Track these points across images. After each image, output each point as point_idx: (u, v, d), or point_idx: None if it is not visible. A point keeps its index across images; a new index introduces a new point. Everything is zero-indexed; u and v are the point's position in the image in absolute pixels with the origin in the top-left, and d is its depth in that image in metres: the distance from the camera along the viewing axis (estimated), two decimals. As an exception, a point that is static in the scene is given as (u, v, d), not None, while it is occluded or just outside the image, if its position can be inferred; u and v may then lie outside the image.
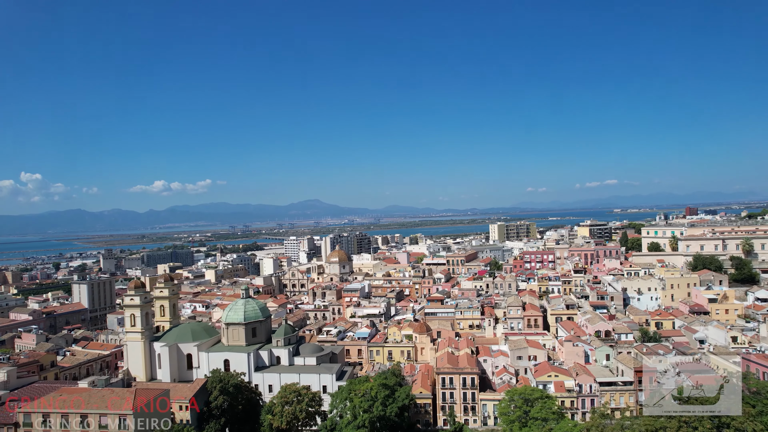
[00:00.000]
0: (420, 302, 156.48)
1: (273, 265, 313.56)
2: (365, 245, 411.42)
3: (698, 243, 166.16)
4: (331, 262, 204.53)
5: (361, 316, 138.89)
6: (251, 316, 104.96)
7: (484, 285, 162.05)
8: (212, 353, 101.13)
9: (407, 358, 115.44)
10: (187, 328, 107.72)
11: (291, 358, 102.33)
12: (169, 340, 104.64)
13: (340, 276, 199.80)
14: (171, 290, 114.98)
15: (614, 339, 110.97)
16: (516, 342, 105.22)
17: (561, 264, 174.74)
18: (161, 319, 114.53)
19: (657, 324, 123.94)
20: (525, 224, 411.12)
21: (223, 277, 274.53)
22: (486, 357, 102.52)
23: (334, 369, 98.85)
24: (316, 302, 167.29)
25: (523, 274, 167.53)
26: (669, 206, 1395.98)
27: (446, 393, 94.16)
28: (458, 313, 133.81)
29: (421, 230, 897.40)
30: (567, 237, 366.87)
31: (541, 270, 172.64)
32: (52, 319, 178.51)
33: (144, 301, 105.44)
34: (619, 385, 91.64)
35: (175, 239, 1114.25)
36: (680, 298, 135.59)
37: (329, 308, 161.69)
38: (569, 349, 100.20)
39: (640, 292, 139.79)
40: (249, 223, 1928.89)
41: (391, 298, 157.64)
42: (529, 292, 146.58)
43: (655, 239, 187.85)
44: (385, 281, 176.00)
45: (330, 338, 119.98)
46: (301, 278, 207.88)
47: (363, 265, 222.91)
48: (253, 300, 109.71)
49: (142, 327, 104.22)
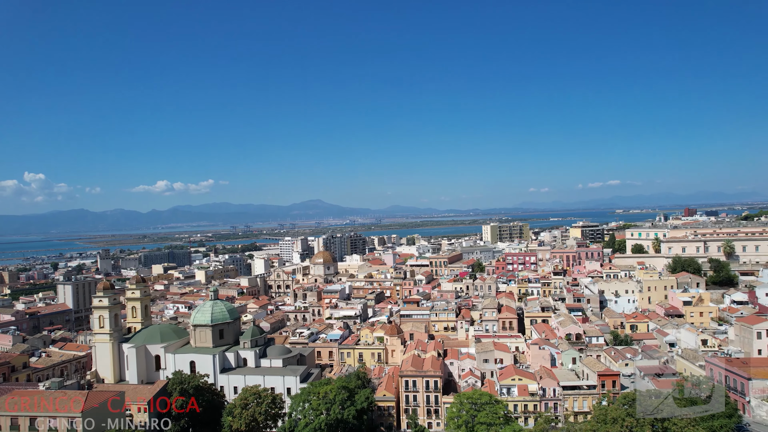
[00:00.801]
0: (399, 304, 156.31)
1: (264, 265, 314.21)
2: (359, 246, 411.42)
3: (680, 245, 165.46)
4: (315, 264, 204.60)
5: (337, 317, 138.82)
6: (218, 318, 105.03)
7: (464, 287, 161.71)
8: (179, 355, 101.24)
9: (378, 361, 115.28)
10: (156, 330, 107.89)
11: (257, 360, 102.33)
12: (137, 341, 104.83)
13: (325, 277, 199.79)
14: (143, 291, 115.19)
15: (585, 342, 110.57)
16: (483, 345, 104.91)
17: (543, 266, 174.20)
18: (133, 320, 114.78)
19: (632, 327, 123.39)
20: (518, 225, 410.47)
21: (214, 278, 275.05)
22: (453, 360, 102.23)
23: (299, 371, 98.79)
24: (297, 303, 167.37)
25: (504, 276, 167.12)
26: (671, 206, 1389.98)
27: (410, 396, 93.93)
28: (433, 315, 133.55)
29: (422, 231, 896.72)
30: (560, 238, 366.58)
31: (522, 272, 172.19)
32: (35, 319, 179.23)
33: (112, 303, 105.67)
34: (583, 389, 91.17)
35: (175, 239, 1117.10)
36: (657, 301, 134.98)
37: (309, 309, 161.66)
38: (536, 353, 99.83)
39: (617, 295, 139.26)
40: (250, 224, 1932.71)
41: (370, 300, 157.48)
42: (507, 295, 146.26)
43: (639, 241, 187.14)
44: (366, 282, 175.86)
45: (301, 340, 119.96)
46: (286, 279, 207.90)
47: (349, 266, 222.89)
48: (221, 302, 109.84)
49: (111, 328, 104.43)
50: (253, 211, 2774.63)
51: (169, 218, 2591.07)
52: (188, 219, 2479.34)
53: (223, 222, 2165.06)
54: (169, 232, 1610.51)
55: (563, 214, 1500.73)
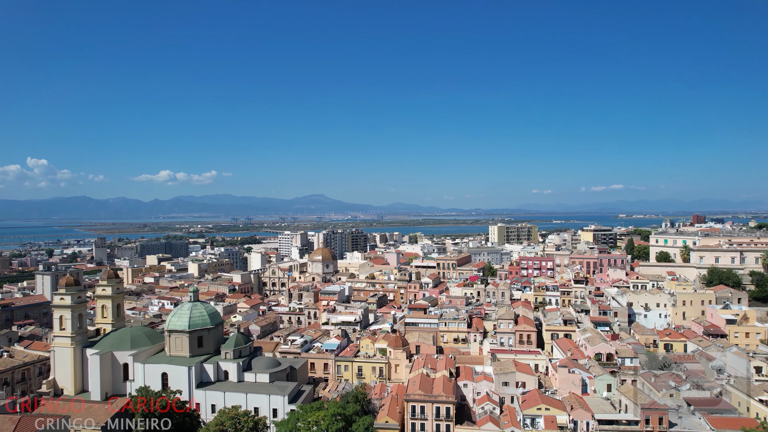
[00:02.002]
0: (404, 309, 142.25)
1: (261, 260, 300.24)
2: (360, 243, 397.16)
3: (712, 254, 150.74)
4: (314, 261, 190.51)
5: (334, 323, 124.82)
6: (197, 323, 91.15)
7: (474, 292, 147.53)
8: (149, 365, 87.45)
9: (379, 376, 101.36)
10: (126, 334, 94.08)
11: (240, 374, 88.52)
12: (103, 346, 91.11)
13: (323, 276, 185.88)
14: (114, 288, 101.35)
15: (617, 363, 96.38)
16: (502, 365, 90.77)
17: (561, 272, 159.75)
18: (103, 321, 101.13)
19: (666, 346, 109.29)
20: (526, 227, 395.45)
21: (207, 272, 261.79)
22: (467, 381, 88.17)
23: (288, 389, 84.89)
24: (292, 304, 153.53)
25: (519, 282, 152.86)
26: (675, 213, 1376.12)
27: (416, 424, 79.95)
28: (442, 325, 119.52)
29: (424, 229, 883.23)
30: (570, 242, 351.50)
31: (538, 278, 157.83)
32: (8, 312, 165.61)
33: (76, 301, 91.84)
34: (622, 424, 77.04)
35: (176, 229, 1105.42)
36: (693, 317, 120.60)
37: (305, 312, 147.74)
38: (564, 376, 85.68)
39: (647, 308, 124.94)
40: (252, 216, 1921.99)
41: (372, 304, 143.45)
42: (523, 303, 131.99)
43: (665, 248, 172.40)
44: (368, 284, 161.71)
45: (293, 349, 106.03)
46: (282, 277, 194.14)
47: (350, 265, 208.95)
48: (202, 304, 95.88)
49: (73, 331, 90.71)
50: (256, 203, 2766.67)
51: (170, 208, 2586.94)
52: (190, 209, 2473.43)
53: (225, 214, 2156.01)
54: (169, 222, 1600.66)
55: (566, 216, 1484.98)
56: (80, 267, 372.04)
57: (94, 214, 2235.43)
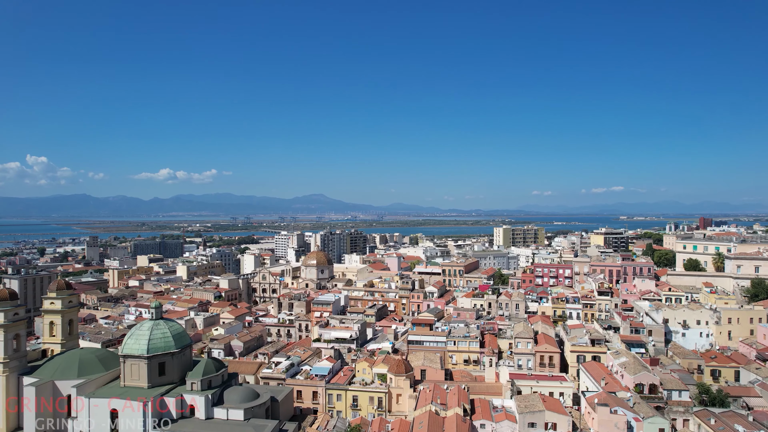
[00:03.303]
0: (406, 322, 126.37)
1: (254, 262, 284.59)
2: (360, 244, 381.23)
3: (751, 263, 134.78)
4: (308, 266, 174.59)
5: (327, 340, 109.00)
6: (159, 347, 75.27)
7: (485, 304, 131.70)
8: (96, 399, 71.48)
9: (377, 408, 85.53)
10: (74, 358, 78.23)
11: (209, 409, 72.64)
12: (44, 374, 75.32)
13: (317, 282, 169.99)
14: (65, 302, 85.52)
15: (662, 397, 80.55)
16: (527, 400, 74.87)
17: (581, 282, 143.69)
18: (51, 341, 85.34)
19: (713, 372, 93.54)
20: (533, 229, 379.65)
21: (197, 274, 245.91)
22: (484, 421, 72.29)
23: (266, 429, 69.02)
24: (281, 315, 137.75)
25: (534, 293, 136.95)
26: (675, 215, 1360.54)
27: (423, 479, 64.21)
28: (450, 344, 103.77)
29: (424, 230, 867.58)
30: (579, 245, 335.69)
31: (555, 287, 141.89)
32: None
33: (11, 319, 75.99)
34: (681, 483, 61.22)
35: (174, 228, 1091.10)
36: (740, 337, 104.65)
37: (295, 324, 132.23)
38: (605, 417, 69.67)
39: (685, 326, 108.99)
40: (251, 215, 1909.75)
41: (370, 316, 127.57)
42: (542, 318, 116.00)
43: (694, 255, 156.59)
44: (366, 293, 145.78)
45: (277, 374, 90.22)
46: (273, 282, 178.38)
47: (347, 269, 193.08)
48: (165, 323, 79.93)
49: (6, 355, 74.85)
50: (256, 203, 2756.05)
51: (170, 207, 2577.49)
52: (190, 208, 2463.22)
53: (225, 212, 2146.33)
54: (168, 220, 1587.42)
55: (567, 218, 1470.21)
56: (67, 267, 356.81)
57: (94, 213, 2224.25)
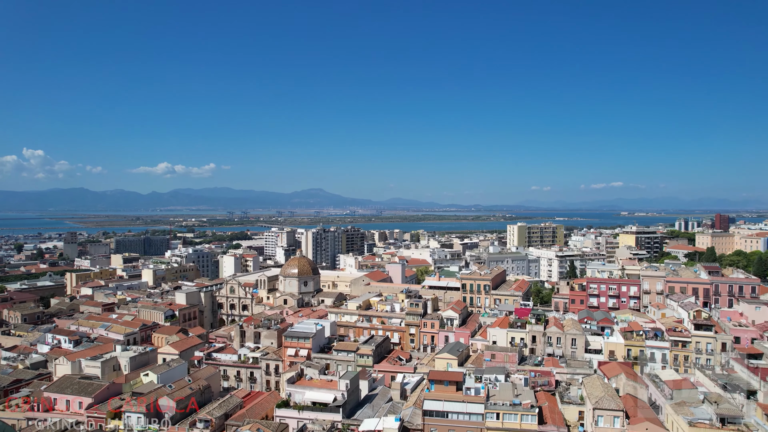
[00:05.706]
0: (417, 366, 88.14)
1: (235, 265, 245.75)
2: (357, 243, 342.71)
3: None
4: (287, 276, 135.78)
5: (299, 406, 70.91)
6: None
7: (528, 338, 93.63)
8: None
9: None
10: None
11: None
12: None
13: (299, 297, 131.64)
14: None
15: None
16: None
17: (655, 305, 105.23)
18: None
19: None
20: (551, 227, 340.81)
21: (164, 279, 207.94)
22: None
23: None
24: (243, 350, 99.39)
25: (593, 320, 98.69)
26: (675, 211, 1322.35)
27: None
28: (491, 416, 65.87)
29: (424, 225, 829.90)
30: (604, 245, 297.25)
31: (620, 312, 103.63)
32: None
33: None
34: None
35: (170, 223, 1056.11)
36: None
37: (261, 364, 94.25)
38: None
39: None
40: (249, 210, 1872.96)
41: (366, 356, 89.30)
42: (623, 368, 77.44)
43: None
44: (361, 318, 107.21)
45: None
46: (244, 296, 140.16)
47: (338, 278, 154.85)
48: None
49: None
50: (254, 197, 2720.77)
51: (169, 201, 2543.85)
52: (188, 202, 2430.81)
53: (223, 207, 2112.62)
54: (165, 215, 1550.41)
55: (567, 213, 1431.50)
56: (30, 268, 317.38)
57: (91, 206, 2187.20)
